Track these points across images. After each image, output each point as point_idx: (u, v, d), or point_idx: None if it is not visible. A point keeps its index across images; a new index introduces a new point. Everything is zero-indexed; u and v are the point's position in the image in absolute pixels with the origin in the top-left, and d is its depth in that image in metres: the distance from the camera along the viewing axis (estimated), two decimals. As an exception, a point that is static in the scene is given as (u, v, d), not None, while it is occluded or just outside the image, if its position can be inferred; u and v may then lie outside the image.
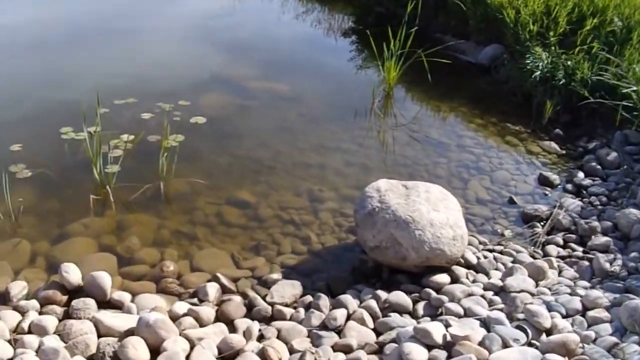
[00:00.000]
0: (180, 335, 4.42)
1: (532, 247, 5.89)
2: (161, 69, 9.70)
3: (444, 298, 4.88)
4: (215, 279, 5.29)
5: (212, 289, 5.10)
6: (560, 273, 5.49)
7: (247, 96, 8.88)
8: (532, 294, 4.94)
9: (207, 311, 4.77)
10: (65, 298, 4.98)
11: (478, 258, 5.53)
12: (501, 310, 4.74)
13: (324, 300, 4.86)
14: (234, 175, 6.94)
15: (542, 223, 6.27)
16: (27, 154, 7.01)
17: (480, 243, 5.90)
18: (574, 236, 6.08)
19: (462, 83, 9.72)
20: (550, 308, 4.70)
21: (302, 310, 4.88)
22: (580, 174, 7.16)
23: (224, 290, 5.21)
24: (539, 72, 8.47)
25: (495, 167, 7.31)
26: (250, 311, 4.96)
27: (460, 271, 5.28)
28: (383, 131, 8.20)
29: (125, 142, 7.12)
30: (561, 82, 8.31)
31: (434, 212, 5.19)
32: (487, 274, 5.38)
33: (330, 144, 7.70)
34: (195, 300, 5.07)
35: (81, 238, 5.87)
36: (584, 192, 6.85)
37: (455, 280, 5.22)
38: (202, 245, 5.85)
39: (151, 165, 6.68)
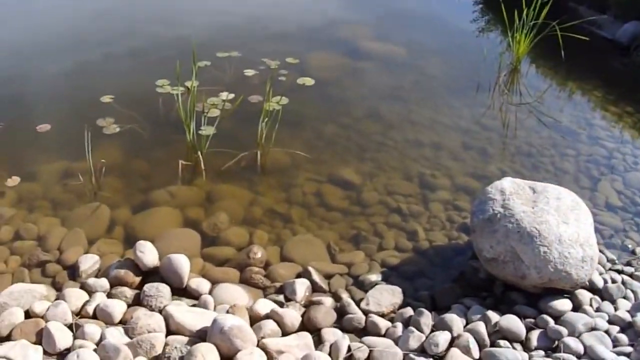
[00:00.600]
0: (258, 345, 3.86)
1: (667, 271, 5.08)
2: (270, 19, 9.20)
3: (563, 330, 4.16)
4: (306, 273, 4.71)
5: (302, 287, 4.53)
6: (699, 311, 4.67)
7: (360, 57, 8.28)
8: (666, 337, 4.17)
9: (292, 316, 4.20)
10: (138, 279, 4.53)
11: (605, 281, 4.77)
12: (628, 355, 4.00)
13: (426, 318, 4.21)
14: (338, 149, 6.33)
15: (679, 242, 5.44)
16: (118, 106, 6.61)
17: (608, 260, 5.13)
18: None
19: (597, 62, 8.81)
20: (688, 359, 3.93)
21: (399, 326, 4.24)
22: None
23: (315, 288, 4.64)
24: (686, 59, 7.49)
25: (629, 166, 6.46)
26: (341, 318, 4.35)
27: (584, 296, 4.55)
28: (507, 111, 7.41)
29: (224, 101, 6.56)
30: None
31: (563, 225, 4.45)
32: (613, 302, 4.62)
33: (448, 121, 7.00)
34: (281, 297, 4.52)
35: (165, 208, 5.40)
36: None
37: (577, 306, 4.49)
38: (296, 229, 5.28)
39: (250, 130, 6.14)
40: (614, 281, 4.78)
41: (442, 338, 4.04)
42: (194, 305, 4.33)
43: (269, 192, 5.63)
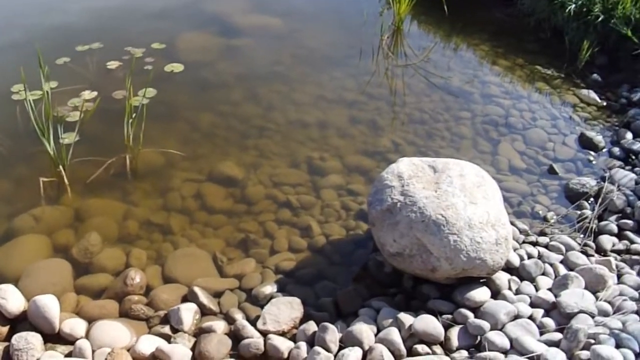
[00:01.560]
0: (143, 397, 3.29)
1: (582, 237, 4.72)
2: (133, 3, 8.37)
3: (485, 324, 3.76)
4: (192, 295, 4.15)
5: (188, 314, 4.00)
6: (619, 278, 4.32)
7: (233, 34, 7.65)
8: (593, 315, 3.81)
9: (181, 353, 3.69)
10: (6, 330, 3.90)
11: (521, 257, 4.39)
12: (557, 344, 3.62)
13: (332, 334, 3.73)
14: (217, 141, 5.77)
15: (589, 201, 5.13)
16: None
17: (520, 232, 4.76)
18: (630, 222, 4.90)
19: (481, 15, 8.40)
20: (619, 343, 3.55)
21: (303, 347, 3.76)
22: (629, 135, 5.94)
23: (204, 311, 4.11)
24: (573, 5, 7.12)
25: (528, 123, 6.11)
26: (238, 344, 3.83)
27: (502, 280, 4.15)
28: (393, 75, 6.96)
29: (85, 101, 5.90)
30: (599, 19, 6.95)
31: (471, 205, 4.01)
32: (533, 281, 4.25)
33: (332, 95, 6.50)
34: (167, 328, 3.97)
35: (30, 236, 4.73)
36: (635, 158, 5.62)
37: (495, 292, 4.09)
38: (177, 241, 4.73)
39: (116, 131, 5.54)
40: (530, 256, 4.45)
41: (353, 356, 3.58)
42: (69, 354, 3.75)
43: (143, 201, 5.06)
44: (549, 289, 4.12)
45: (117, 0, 8.40)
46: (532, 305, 4.00)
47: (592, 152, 5.75)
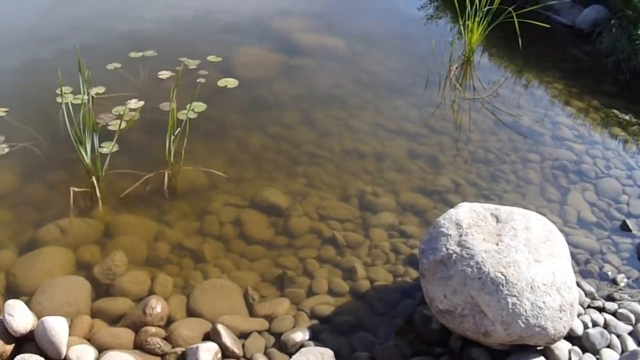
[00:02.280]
0: None
1: (655, 303, 4.24)
2: (193, 12, 8.17)
3: (539, 405, 3.27)
4: (215, 334, 3.75)
5: (207, 355, 3.60)
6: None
7: (293, 52, 7.36)
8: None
9: (193, 401, 3.24)
10: (10, 348, 3.60)
11: (585, 325, 3.92)
12: None
13: (365, 398, 3.26)
14: (264, 164, 5.43)
15: (665, 264, 4.65)
16: (13, 121, 5.63)
17: (586, 295, 4.28)
18: None
19: (556, 52, 8.01)
20: None
21: (331, 409, 3.30)
22: None
23: (225, 353, 3.71)
24: (656, 47, 6.69)
25: (601, 172, 5.65)
26: (258, 396, 3.40)
27: (562, 350, 3.69)
28: (460, 109, 6.55)
29: (131, 110, 5.65)
30: (683, 62, 6.50)
31: (535, 265, 3.55)
32: (596, 353, 3.77)
33: (392, 125, 6.13)
34: (182, 368, 3.52)
35: (54, 248, 4.43)
36: None
37: (554, 364, 3.59)
38: (208, 270, 4.36)
39: (158, 144, 5.23)
40: (595, 324, 3.97)
41: None
42: (72, 386, 3.39)
43: (178, 222, 4.72)
44: (615, 366, 3.63)
45: (188, 12, 8.19)
46: (594, 383, 3.52)
47: (670, 209, 5.24)
